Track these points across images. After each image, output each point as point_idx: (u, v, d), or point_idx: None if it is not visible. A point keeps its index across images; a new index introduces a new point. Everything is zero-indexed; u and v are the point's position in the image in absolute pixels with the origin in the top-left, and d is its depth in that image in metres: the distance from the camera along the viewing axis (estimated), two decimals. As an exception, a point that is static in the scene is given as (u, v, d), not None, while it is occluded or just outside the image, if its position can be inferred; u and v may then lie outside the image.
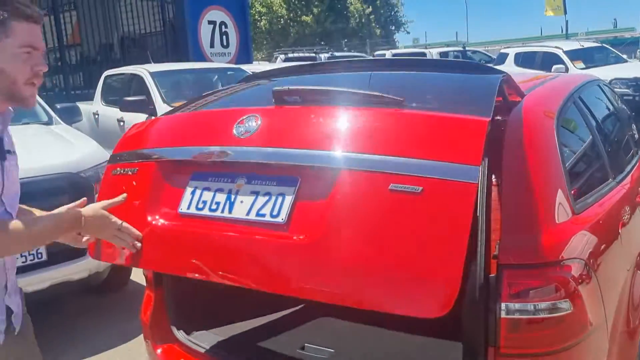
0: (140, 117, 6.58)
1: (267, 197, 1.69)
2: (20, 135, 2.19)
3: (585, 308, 1.65)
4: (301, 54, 20.67)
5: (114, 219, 1.72)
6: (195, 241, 1.77)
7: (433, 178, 1.48)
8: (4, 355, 1.60)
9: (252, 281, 1.69)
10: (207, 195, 1.79)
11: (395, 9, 40.15)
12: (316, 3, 36.61)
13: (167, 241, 1.83)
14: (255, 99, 2.15)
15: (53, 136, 4.29)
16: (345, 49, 33.69)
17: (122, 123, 6.92)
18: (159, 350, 2.24)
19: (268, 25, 38.13)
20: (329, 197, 1.59)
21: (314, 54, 20.23)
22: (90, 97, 8.26)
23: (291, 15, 37.44)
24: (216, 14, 12.86)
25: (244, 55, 13.58)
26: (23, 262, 3.30)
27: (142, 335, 2.40)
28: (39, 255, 3.40)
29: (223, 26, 13.07)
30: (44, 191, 3.31)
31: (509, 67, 14.27)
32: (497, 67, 12.31)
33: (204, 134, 1.87)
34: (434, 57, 17.08)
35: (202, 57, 12.41)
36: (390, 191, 1.50)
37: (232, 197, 1.75)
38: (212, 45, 12.80)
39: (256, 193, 1.72)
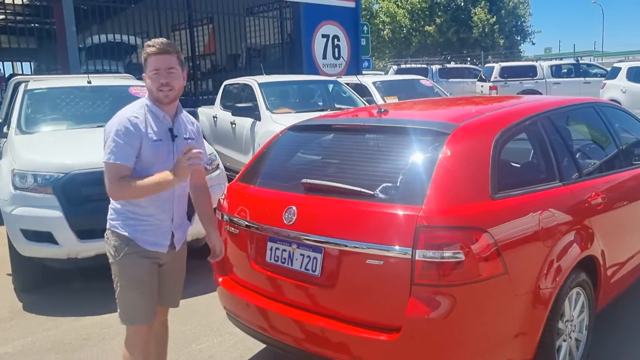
0: (248, 121, 7.86)
1: (308, 259, 2.81)
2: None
3: (477, 261, 2.46)
4: (412, 65, 21.43)
5: (184, 161, 2.57)
6: (276, 278, 2.97)
7: (387, 256, 2.52)
8: (164, 257, 2.76)
9: (303, 305, 2.85)
10: (279, 252, 2.95)
11: (522, 19, 39.23)
12: (439, 13, 36.83)
13: (262, 277, 3.03)
14: (295, 176, 3.14)
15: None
16: (469, 59, 33.75)
17: (233, 125, 8.24)
18: (220, 279, 3.32)
19: (391, 34, 38.88)
20: (338, 263, 2.71)
21: (425, 65, 20.93)
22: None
23: (414, 25, 37.93)
24: (330, 29, 14.05)
25: (354, 66, 14.65)
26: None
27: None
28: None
29: (335, 39, 14.23)
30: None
31: (620, 81, 14.16)
32: (608, 81, 12.34)
33: (271, 216, 2.99)
34: (545, 70, 17.08)
35: (314, 68, 13.65)
36: (368, 263, 2.57)
37: (291, 255, 2.89)
38: (324, 57, 14.00)
39: (302, 255, 2.84)
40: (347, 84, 10.70)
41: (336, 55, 14.28)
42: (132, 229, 2.70)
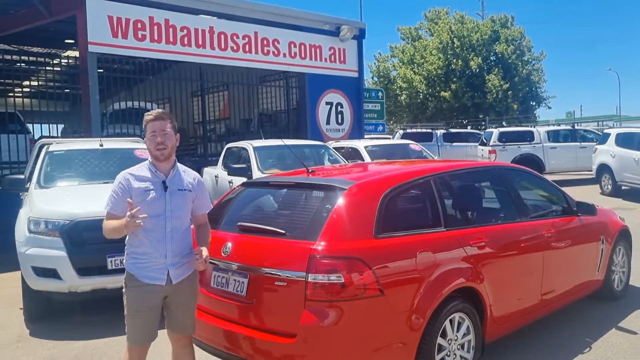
0: (242, 180, 8.80)
1: (238, 282, 3.65)
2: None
3: (353, 283, 3.27)
4: (418, 130, 22.47)
5: (128, 220, 3.05)
6: (217, 299, 3.78)
7: (289, 278, 3.35)
8: (165, 290, 3.28)
9: (233, 319, 3.65)
10: (219, 279, 3.81)
11: (537, 85, 40.27)
12: (454, 79, 38.12)
13: (209, 299, 3.82)
14: (236, 220, 4.01)
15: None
16: (483, 123, 34.77)
17: (231, 184, 9.19)
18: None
19: (408, 99, 40.14)
20: (257, 285, 3.53)
21: (430, 130, 21.95)
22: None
23: (430, 90, 39.21)
24: (333, 97, 15.20)
25: (357, 131, 15.69)
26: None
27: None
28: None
29: (339, 106, 15.35)
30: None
31: (609, 146, 14.87)
32: (599, 146, 13.25)
33: (215, 251, 3.78)
34: (542, 135, 17.89)
35: (318, 132, 14.72)
36: (276, 284, 3.41)
37: (227, 281, 3.73)
38: (327, 122, 15.08)
39: (235, 280, 3.69)
40: (342, 148, 11.74)
41: (339, 120, 15.36)
42: (133, 266, 3.30)
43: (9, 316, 6.13)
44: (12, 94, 13.39)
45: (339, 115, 15.37)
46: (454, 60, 37.59)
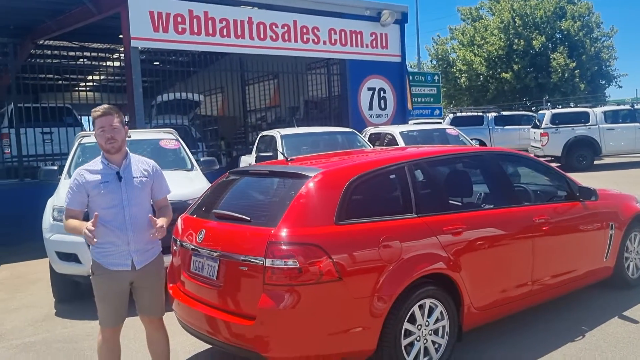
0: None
1: (211, 267, 3.82)
2: (171, 176, 4.46)
3: (309, 268, 3.37)
4: (469, 113, 21.97)
5: (82, 230, 3.30)
6: (195, 283, 3.98)
7: (249, 263, 3.50)
8: (131, 275, 3.50)
9: (207, 302, 3.85)
10: (197, 264, 3.98)
11: (607, 63, 38.33)
12: (517, 59, 36.86)
13: (189, 282, 4.06)
14: (214, 207, 4.20)
15: (185, 178, 6.82)
16: (549, 104, 33.52)
17: (260, 171, 9.44)
18: (169, 285, 4.38)
19: (468, 82, 39.23)
20: (225, 269, 3.70)
21: (481, 113, 21.40)
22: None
23: (490, 72, 38.12)
24: (376, 82, 15.14)
25: (400, 117, 15.57)
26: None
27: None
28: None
29: (382, 92, 15.27)
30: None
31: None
32: None
33: (194, 237, 4.03)
34: (598, 116, 17.12)
35: (360, 118, 14.73)
36: (240, 268, 3.57)
37: (203, 265, 3.91)
38: (370, 108, 15.06)
39: (208, 265, 3.85)
40: (379, 134, 11.77)
41: (382, 106, 15.30)
42: (98, 255, 3.51)
43: (43, 297, 6.64)
44: (68, 90, 14.22)
45: (382, 101, 15.30)
46: (516, 40, 36.33)
